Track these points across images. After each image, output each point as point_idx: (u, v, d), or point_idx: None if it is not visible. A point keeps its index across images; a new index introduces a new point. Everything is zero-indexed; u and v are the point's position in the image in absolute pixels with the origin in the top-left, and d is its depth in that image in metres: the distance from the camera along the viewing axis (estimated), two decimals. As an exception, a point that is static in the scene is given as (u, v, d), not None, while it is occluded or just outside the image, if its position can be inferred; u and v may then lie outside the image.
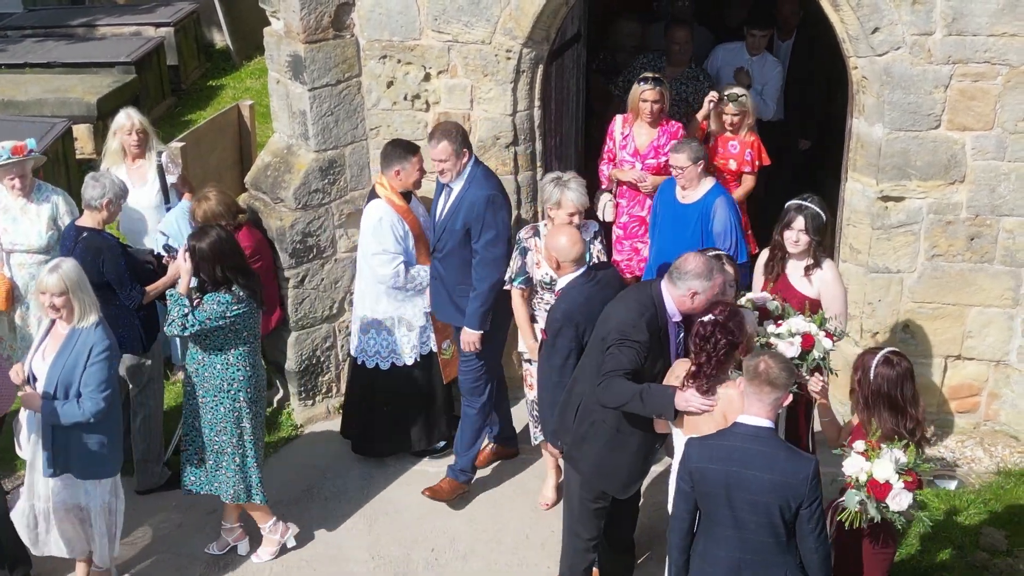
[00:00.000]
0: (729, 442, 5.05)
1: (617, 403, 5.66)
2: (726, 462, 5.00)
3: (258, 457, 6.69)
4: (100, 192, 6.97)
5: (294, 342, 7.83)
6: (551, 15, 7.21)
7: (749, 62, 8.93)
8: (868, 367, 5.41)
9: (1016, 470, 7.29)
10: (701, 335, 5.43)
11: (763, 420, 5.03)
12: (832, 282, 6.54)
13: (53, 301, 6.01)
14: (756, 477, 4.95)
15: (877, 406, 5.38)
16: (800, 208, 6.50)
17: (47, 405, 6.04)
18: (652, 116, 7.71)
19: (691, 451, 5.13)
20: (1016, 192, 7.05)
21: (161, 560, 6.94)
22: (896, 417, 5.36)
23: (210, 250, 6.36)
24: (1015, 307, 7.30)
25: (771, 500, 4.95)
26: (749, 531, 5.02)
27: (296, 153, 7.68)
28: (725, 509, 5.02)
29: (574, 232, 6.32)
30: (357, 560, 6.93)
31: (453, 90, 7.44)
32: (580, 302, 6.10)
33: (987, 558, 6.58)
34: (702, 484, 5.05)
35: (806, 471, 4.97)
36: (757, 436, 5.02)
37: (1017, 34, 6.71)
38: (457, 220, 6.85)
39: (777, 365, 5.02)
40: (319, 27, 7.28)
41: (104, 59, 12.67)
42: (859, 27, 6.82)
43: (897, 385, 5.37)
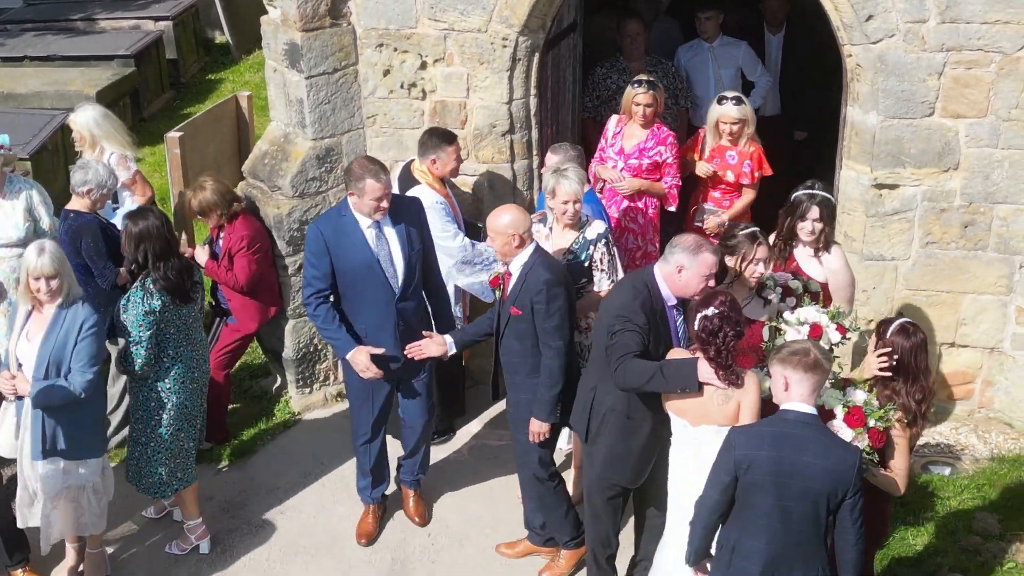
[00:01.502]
0: (780, 428, 4.95)
1: (638, 383, 5.60)
2: (778, 448, 4.89)
3: (171, 451, 6.62)
4: (82, 179, 7.13)
5: (291, 330, 7.87)
6: (547, 3, 7.23)
7: (711, 49, 8.94)
8: (884, 334, 5.50)
9: (1010, 456, 7.32)
10: (708, 330, 5.39)
11: (809, 407, 4.99)
12: (840, 270, 6.54)
13: (50, 285, 6.03)
14: (810, 464, 4.85)
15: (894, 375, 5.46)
16: (812, 197, 6.47)
17: (37, 386, 6.04)
18: (645, 119, 7.71)
19: (737, 439, 4.99)
20: (1010, 179, 7.07)
21: (157, 546, 6.96)
22: (908, 385, 5.43)
23: (137, 232, 6.43)
24: (1009, 294, 7.33)
25: (822, 488, 4.86)
26: (792, 522, 4.92)
27: (293, 141, 7.71)
28: (771, 498, 4.90)
29: (512, 205, 6.38)
30: (354, 546, 6.96)
31: (449, 78, 7.47)
32: (554, 264, 6.13)
33: (980, 542, 6.61)
34: (750, 473, 4.91)
35: (854, 458, 4.94)
36: (807, 423, 4.95)
37: (1010, 21, 6.73)
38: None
39: (821, 351, 5.05)
40: (316, 15, 7.31)
41: (103, 52, 12.73)
42: (853, 15, 6.84)
43: (912, 354, 5.45)
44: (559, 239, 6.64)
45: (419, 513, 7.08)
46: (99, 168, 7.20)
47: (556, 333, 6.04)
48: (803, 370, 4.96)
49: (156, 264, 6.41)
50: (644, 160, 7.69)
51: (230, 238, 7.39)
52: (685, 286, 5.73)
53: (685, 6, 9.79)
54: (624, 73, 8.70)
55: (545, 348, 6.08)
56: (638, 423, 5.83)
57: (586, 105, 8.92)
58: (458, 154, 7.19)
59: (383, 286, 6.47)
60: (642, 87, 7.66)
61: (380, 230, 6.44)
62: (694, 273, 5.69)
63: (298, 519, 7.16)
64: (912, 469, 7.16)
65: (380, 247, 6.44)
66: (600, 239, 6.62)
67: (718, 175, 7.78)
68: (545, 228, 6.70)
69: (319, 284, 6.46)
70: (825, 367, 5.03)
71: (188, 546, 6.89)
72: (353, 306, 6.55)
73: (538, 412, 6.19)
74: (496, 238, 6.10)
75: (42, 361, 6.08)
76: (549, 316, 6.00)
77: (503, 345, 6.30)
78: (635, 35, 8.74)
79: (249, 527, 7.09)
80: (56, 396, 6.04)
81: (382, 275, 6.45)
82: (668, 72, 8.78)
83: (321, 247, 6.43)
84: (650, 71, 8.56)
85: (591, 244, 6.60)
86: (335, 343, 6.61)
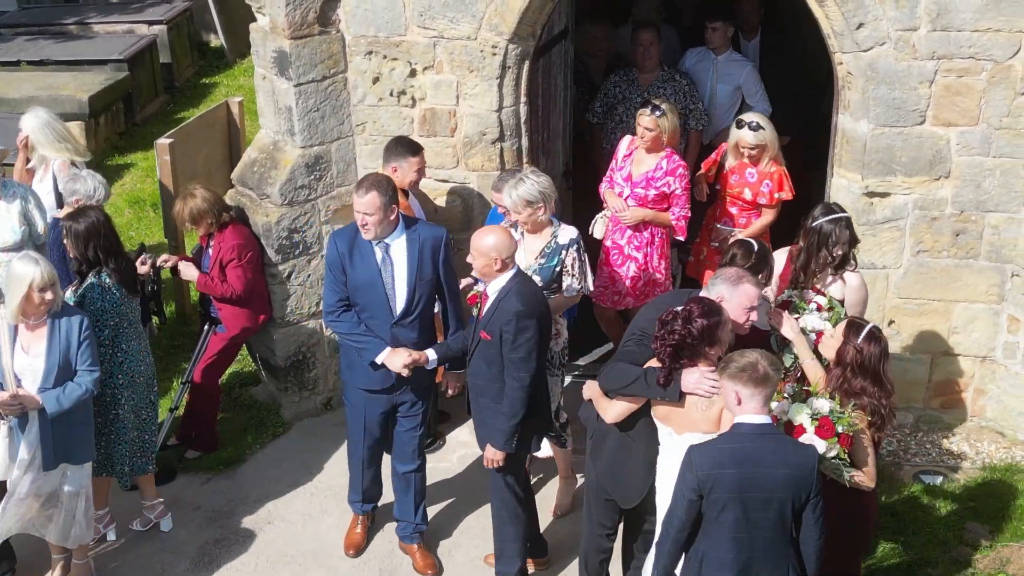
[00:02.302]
0: (737, 444, 4.99)
1: (618, 385, 5.58)
2: (739, 464, 4.93)
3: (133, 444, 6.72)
4: (71, 189, 7.18)
5: (281, 338, 7.84)
6: (537, 11, 7.21)
7: (715, 62, 8.77)
8: (852, 340, 5.52)
9: (1001, 465, 7.30)
10: (663, 320, 5.40)
11: (764, 416, 5.02)
12: (859, 287, 6.43)
13: (55, 292, 6.06)
14: (770, 474, 4.91)
15: (855, 377, 5.49)
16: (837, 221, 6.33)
17: (51, 395, 6.08)
18: (646, 144, 7.47)
19: (700, 459, 5.00)
20: (1001, 188, 7.05)
21: (145, 556, 6.94)
22: (877, 389, 5.46)
23: (84, 230, 6.46)
24: (1000, 303, 7.31)
25: (785, 495, 4.92)
26: (759, 530, 4.97)
27: (282, 149, 7.68)
28: (737, 512, 4.95)
29: (500, 227, 6.22)
30: (342, 556, 6.93)
31: (439, 86, 7.44)
32: (531, 296, 6.00)
33: (970, 552, 6.60)
34: (715, 491, 4.95)
35: (812, 460, 5.00)
36: (763, 433, 4.99)
37: (1001, 29, 6.71)
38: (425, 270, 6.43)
39: (769, 362, 5.03)
40: (304, 23, 7.28)
41: (97, 57, 12.74)
42: (844, 23, 6.82)
43: (880, 359, 5.49)
44: (531, 244, 6.64)
45: (429, 565, 6.81)
46: (88, 179, 7.19)
47: (521, 365, 5.96)
48: (753, 384, 4.98)
49: (107, 259, 6.49)
50: (651, 191, 7.46)
51: (220, 247, 7.37)
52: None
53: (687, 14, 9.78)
54: (633, 84, 8.58)
55: (509, 378, 6.01)
56: (634, 443, 5.78)
57: (595, 110, 8.81)
58: (421, 167, 7.11)
59: (383, 306, 6.38)
60: (647, 110, 7.41)
61: (387, 252, 6.36)
62: (735, 304, 5.60)
63: (286, 529, 7.13)
64: (902, 479, 7.17)
65: (385, 268, 6.37)
66: (572, 244, 6.60)
67: (735, 192, 7.60)
68: (517, 234, 6.68)
69: (340, 292, 6.43)
70: (774, 377, 5.02)
71: (146, 525, 7.02)
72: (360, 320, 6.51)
73: (495, 440, 6.13)
74: (477, 258, 6.01)
75: (51, 370, 6.10)
76: (516, 347, 5.93)
77: (472, 366, 6.25)
78: (647, 45, 8.51)
79: (236, 537, 7.06)
80: (70, 399, 6.11)
81: (384, 295, 6.39)
82: (679, 89, 8.56)
83: (335, 258, 6.41)
84: (660, 87, 8.47)
85: (563, 249, 6.58)
86: (364, 348, 6.41)
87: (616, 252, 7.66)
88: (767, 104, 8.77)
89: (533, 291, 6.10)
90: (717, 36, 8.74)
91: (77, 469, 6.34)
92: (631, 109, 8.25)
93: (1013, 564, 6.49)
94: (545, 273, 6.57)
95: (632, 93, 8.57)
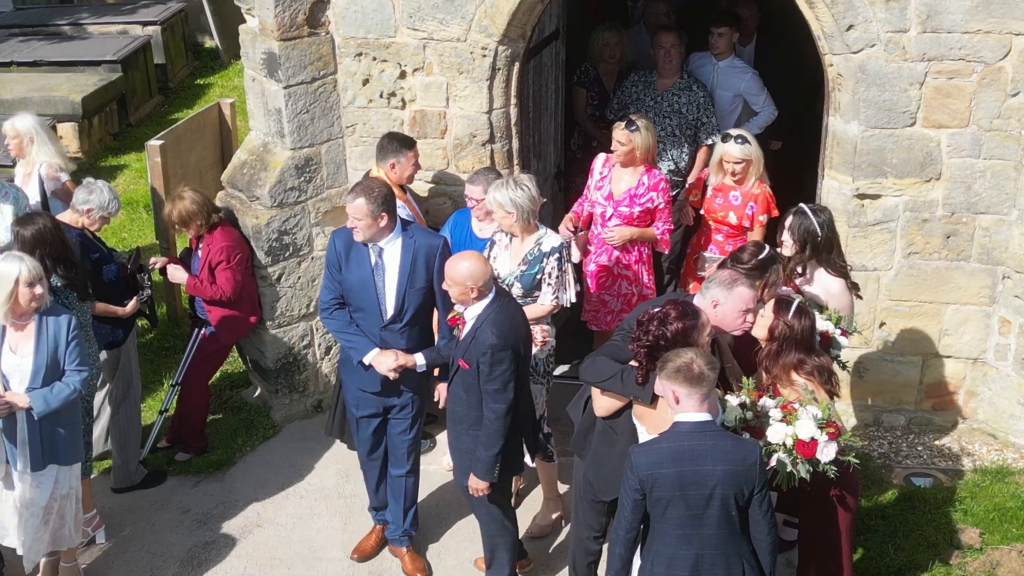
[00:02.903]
0: (676, 443, 5.03)
1: (597, 378, 5.60)
2: (678, 463, 4.98)
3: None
4: (84, 198, 7.07)
5: (271, 340, 7.82)
6: (527, 12, 7.19)
7: (716, 67, 8.66)
8: (783, 317, 5.74)
9: (992, 468, 7.28)
10: (640, 321, 5.40)
11: (702, 414, 5.04)
12: (839, 294, 6.45)
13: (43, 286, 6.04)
14: (710, 471, 4.95)
15: (790, 351, 5.70)
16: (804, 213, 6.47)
17: (39, 395, 6.06)
18: (618, 158, 7.32)
19: (638, 460, 5.05)
20: (992, 189, 7.03)
21: (134, 559, 6.92)
22: (812, 356, 5.73)
23: (31, 236, 6.43)
24: (992, 305, 7.29)
25: (727, 490, 4.96)
26: (706, 526, 5.01)
27: (272, 151, 7.66)
28: (680, 508, 5.00)
29: (474, 253, 6.06)
30: (332, 559, 6.92)
31: (429, 88, 7.42)
32: (508, 325, 5.88)
33: (961, 556, 6.57)
34: (656, 490, 5.01)
35: (754, 456, 5.03)
36: (702, 430, 5.02)
37: (992, 31, 6.69)
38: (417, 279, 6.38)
39: (705, 362, 5.04)
40: (294, 24, 7.26)
41: (90, 58, 12.74)
42: (834, 24, 6.80)
43: (811, 331, 5.77)
44: (517, 249, 6.60)
45: (419, 569, 6.78)
46: (103, 191, 7.11)
47: (497, 396, 5.91)
48: (688, 384, 4.99)
49: (55, 266, 6.46)
50: (635, 208, 7.33)
51: (210, 249, 7.35)
52: (722, 321, 5.66)
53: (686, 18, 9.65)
54: (650, 87, 8.43)
55: (487, 408, 5.96)
56: (615, 435, 5.78)
57: (612, 108, 8.66)
58: (416, 160, 7.12)
59: (373, 308, 6.36)
60: (623, 124, 7.28)
61: (380, 255, 6.34)
62: (730, 308, 5.63)
63: (276, 531, 7.11)
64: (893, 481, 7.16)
65: (377, 271, 6.34)
66: (553, 252, 6.52)
67: (719, 217, 7.48)
68: (505, 238, 6.66)
69: (335, 291, 6.43)
70: (709, 376, 5.02)
71: (85, 538, 6.86)
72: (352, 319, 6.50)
73: (477, 470, 6.08)
74: (452, 287, 5.91)
75: (38, 370, 6.09)
76: (491, 379, 5.88)
77: (451, 391, 6.20)
78: (670, 48, 8.32)
79: (226, 540, 7.04)
80: (58, 399, 6.09)
81: (375, 298, 6.37)
82: (694, 99, 8.36)
83: (333, 257, 6.43)
84: (675, 94, 8.32)
85: (545, 256, 6.52)
86: (353, 347, 6.42)
87: (604, 274, 7.56)
88: (772, 107, 8.67)
89: (511, 318, 5.95)
90: (723, 41, 8.62)
91: (67, 470, 6.32)
92: (641, 112, 8.15)
93: (1003, 567, 6.46)
94: (526, 280, 6.54)
95: (646, 96, 8.43)
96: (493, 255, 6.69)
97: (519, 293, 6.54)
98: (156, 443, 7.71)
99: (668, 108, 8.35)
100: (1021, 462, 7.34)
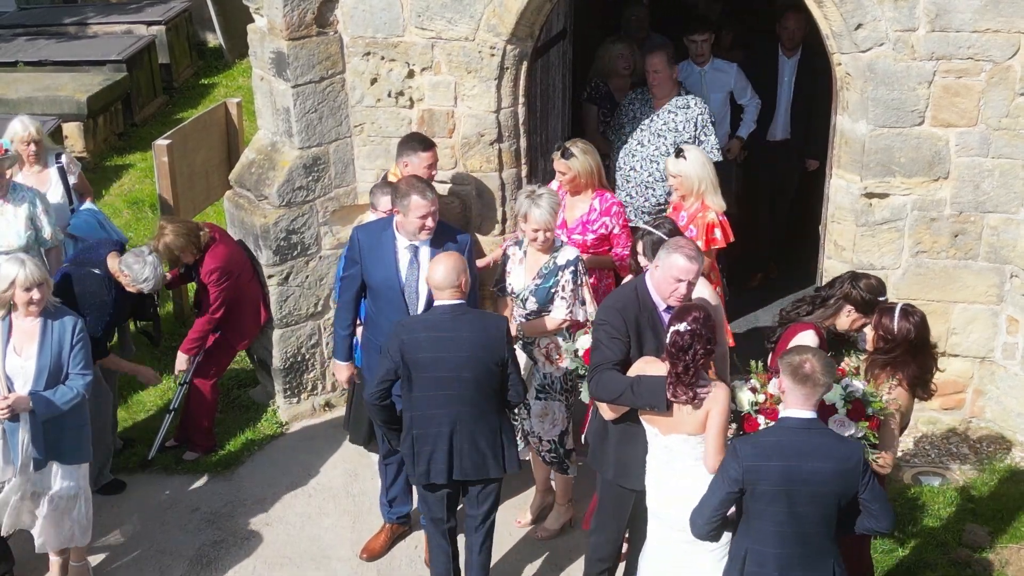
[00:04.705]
0: (782, 437, 4.99)
1: (610, 397, 5.60)
2: (786, 458, 4.93)
3: None
4: (128, 263, 6.91)
5: (279, 339, 7.83)
6: (535, 11, 7.19)
7: (702, 73, 8.57)
8: (890, 324, 5.59)
9: (1000, 466, 7.28)
10: (679, 346, 5.35)
11: (807, 411, 5.01)
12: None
13: (42, 291, 6.05)
14: (819, 469, 4.91)
15: (905, 357, 5.57)
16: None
17: (41, 398, 6.07)
18: (563, 187, 7.06)
19: (744, 450, 5.00)
20: (1000, 188, 7.04)
21: (143, 558, 6.93)
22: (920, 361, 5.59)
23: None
24: (999, 304, 7.30)
25: (833, 489, 4.93)
26: (804, 525, 4.96)
27: (280, 150, 7.67)
28: (782, 506, 4.93)
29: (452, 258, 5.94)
30: (340, 557, 6.92)
31: (437, 87, 7.42)
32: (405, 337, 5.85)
33: (969, 554, 6.58)
34: (761, 483, 4.94)
35: (857, 455, 5.00)
36: (809, 428, 4.99)
37: (1000, 30, 6.69)
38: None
39: (821, 365, 5.01)
40: (302, 24, 7.27)
41: (95, 57, 12.74)
42: (843, 23, 6.81)
43: (921, 330, 5.60)
44: (532, 262, 6.57)
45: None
46: (147, 268, 6.90)
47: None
48: (795, 381, 4.98)
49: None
50: (588, 235, 7.03)
51: (201, 274, 7.39)
52: (658, 285, 5.69)
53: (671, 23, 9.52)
54: (647, 104, 8.14)
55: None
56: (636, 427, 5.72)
57: (612, 126, 8.39)
58: (432, 163, 7.01)
59: (400, 310, 6.37)
60: (558, 153, 7.01)
61: (416, 255, 6.37)
62: (664, 273, 5.64)
63: (284, 530, 7.12)
64: (901, 480, 7.16)
65: (411, 272, 6.36)
66: (569, 266, 6.47)
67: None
68: (520, 251, 6.64)
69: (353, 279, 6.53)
70: (820, 380, 4.97)
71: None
72: (376, 320, 6.52)
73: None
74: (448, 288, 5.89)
75: (41, 372, 6.10)
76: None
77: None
78: (660, 69, 8.01)
79: (235, 538, 7.05)
80: (61, 402, 6.10)
81: (401, 298, 6.39)
82: (690, 118, 8.00)
83: (355, 253, 6.50)
84: (671, 112, 8.00)
85: (560, 270, 6.45)
86: (335, 342, 6.57)
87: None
88: (755, 97, 8.68)
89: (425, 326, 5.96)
90: (705, 47, 8.53)
91: (74, 470, 6.33)
92: (640, 130, 8.05)
93: (1012, 566, 6.47)
94: (541, 294, 6.48)
95: (643, 115, 8.16)
96: (508, 269, 6.68)
97: (534, 307, 6.52)
98: (164, 442, 7.72)
99: (663, 126, 8.02)
100: (1029, 461, 7.36)
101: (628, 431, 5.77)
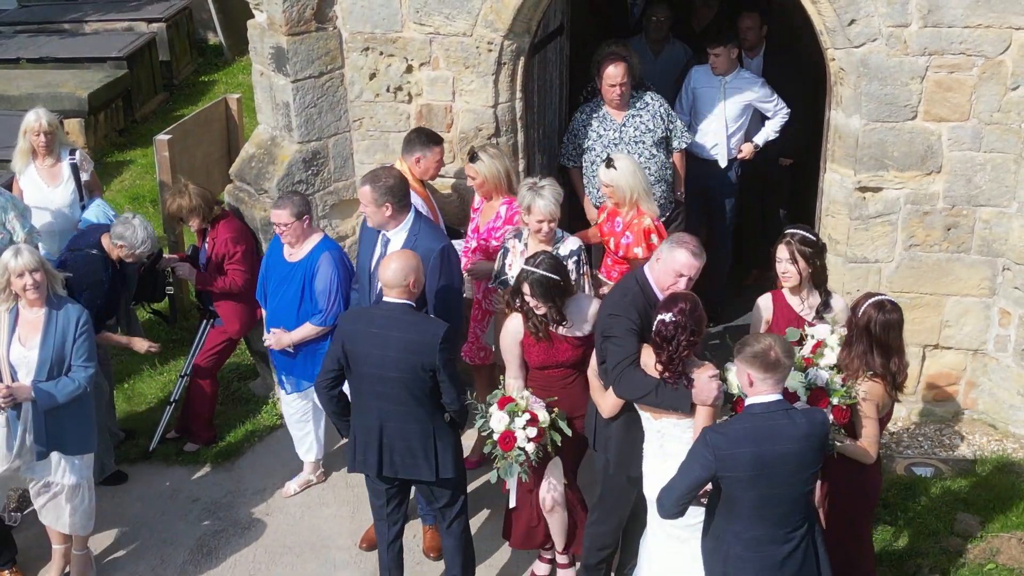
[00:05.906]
0: (751, 423, 5.07)
1: (634, 396, 5.65)
2: (757, 444, 5.00)
3: None
4: (118, 233, 7.06)
5: (279, 332, 7.89)
6: (532, 7, 7.26)
7: (723, 82, 8.47)
8: (859, 306, 5.68)
9: (992, 458, 7.36)
10: (662, 335, 5.45)
11: (776, 395, 5.10)
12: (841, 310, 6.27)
13: (35, 278, 6.12)
14: (789, 449, 5.01)
15: (860, 343, 5.63)
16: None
17: (43, 388, 6.14)
18: (479, 193, 7.18)
19: (716, 440, 5.06)
20: (992, 182, 7.11)
21: (144, 547, 7.00)
22: (884, 359, 5.61)
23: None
24: (992, 296, 7.37)
25: (803, 463, 5.04)
26: (780, 503, 5.06)
27: (280, 144, 7.74)
28: (757, 490, 5.02)
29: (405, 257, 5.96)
30: (340, 547, 7.00)
31: (435, 82, 7.50)
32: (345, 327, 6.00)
33: (960, 543, 6.65)
34: (734, 470, 5.01)
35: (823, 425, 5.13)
36: (773, 410, 5.07)
37: (992, 25, 6.76)
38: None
39: (782, 349, 5.10)
40: (301, 19, 7.34)
41: (96, 54, 12.82)
42: (836, 19, 6.88)
43: (886, 329, 5.61)
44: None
45: (435, 548, 6.83)
46: (138, 230, 7.05)
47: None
48: (764, 369, 5.06)
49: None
50: (492, 241, 7.06)
51: (215, 242, 7.44)
52: (658, 278, 5.77)
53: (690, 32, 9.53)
54: (604, 120, 7.88)
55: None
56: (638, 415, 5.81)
57: (568, 154, 8.10)
58: (441, 158, 7.15)
59: (365, 292, 6.66)
60: (468, 158, 7.12)
61: (385, 246, 6.49)
62: (665, 266, 5.73)
63: (284, 520, 7.20)
64: (894, 471, 7.23)
65: (378, 260, 6.45)
66: (572, 256, 6.55)
67: (606, 240, 7.14)
68: (520, 243, 6.71)
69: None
70: (786, 363, 5.09)
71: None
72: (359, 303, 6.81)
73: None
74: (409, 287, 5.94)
75: (44, 363, 6.18)
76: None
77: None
78: (621, 82, 7.72)
79: (235, 528, 7.13)
80: (62, 394, 6.18)
81: (368, 283, 6.59)
82: (655, 113, 7.90)
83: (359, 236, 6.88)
84: (636, 115, 7.85)
85: (563, 260, 6.43)
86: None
87: (477, 309, 7.28)
88: (784, 106, 8.51)
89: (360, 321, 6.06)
90: (722, 61, 8.40)
91: (78, 460, 6.40)
92: (614, 144, 7.81)
93: (1003, 554, 6.54)
94: None
95: (607, 129, 7.90)
96: (508, 262, 6.75)
97: None
98: (165, 434, 7.79)
99: (635, 132, 7.87)
100: (1021, 452, 7.42)
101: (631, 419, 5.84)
